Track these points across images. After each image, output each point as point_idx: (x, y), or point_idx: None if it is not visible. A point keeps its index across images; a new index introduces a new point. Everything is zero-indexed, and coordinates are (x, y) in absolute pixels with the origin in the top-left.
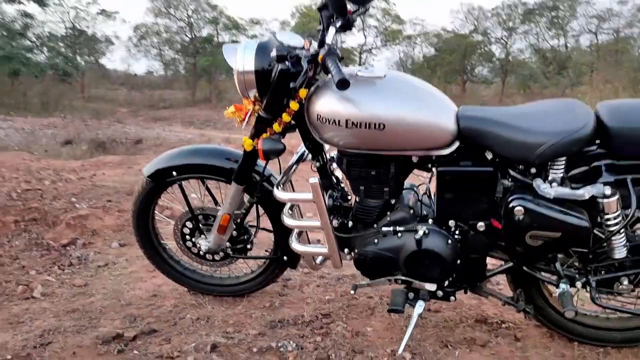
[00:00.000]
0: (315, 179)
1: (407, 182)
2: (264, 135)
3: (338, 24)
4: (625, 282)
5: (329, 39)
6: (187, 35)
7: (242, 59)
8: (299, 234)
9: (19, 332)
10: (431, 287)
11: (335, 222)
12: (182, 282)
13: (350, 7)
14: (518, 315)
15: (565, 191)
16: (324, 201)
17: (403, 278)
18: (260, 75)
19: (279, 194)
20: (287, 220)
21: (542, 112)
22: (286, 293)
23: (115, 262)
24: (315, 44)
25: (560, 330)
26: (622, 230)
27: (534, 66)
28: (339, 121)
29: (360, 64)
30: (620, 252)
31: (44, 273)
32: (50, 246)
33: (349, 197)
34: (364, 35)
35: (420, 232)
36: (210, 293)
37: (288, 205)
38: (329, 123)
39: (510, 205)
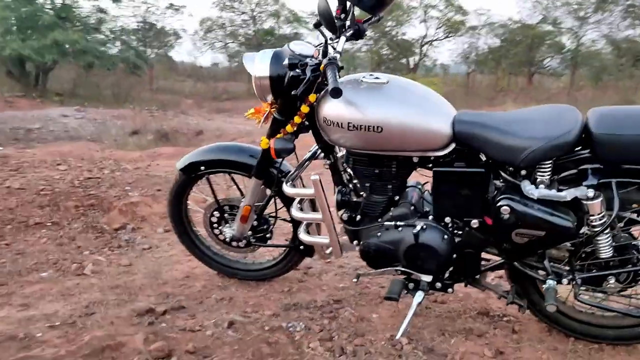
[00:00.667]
0: (316, 176)
1: (412, 180)
2: (278, 136)
3: (348, 34)
4: (612, 281)
5: (339, 47)
6: (250, 29)
7: (258, 66)
8: (308, 225)
9: (69, 303)
10: (427, 278)
11: (345, 216)
12: (211, 265)
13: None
14: None
15: (548, 192)
16: (324, 196)
17: (402, 269)
18: (274, 81)
19: (287, 189)
20: (295, 213)
21: (532, 117)
22: (305, 280)
23: (158, 246)
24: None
25: (556, 325)
26: (607, 231)
27: (607, 58)
28: (341, 124)
29: (420, 57)
30: (605, 252)
31: (96, 253)
32: (103, 229)
33: (362, 193)
34: (425, 27)
35: (418, 227)
36: (236, 277)
37: (297, 199)
38: (334, 125)
39: (498, 204)
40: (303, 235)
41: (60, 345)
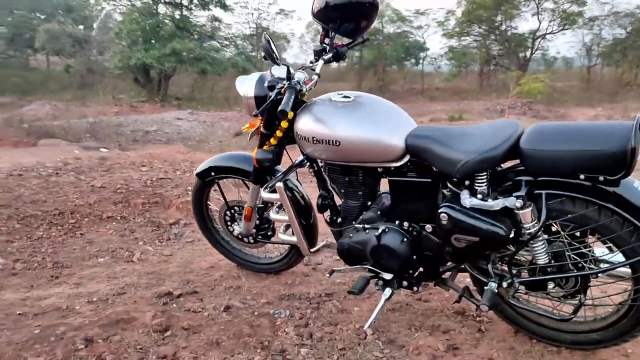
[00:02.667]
0: (280, 184)
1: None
2: (265, 147)
3: (326, 57)
4: (552, 285)
5: (317, 69)
6: None
7: (246, 87)
8: (287, 226)
9: (110, 284)
10: (388, 276)
11: (328, 218)
12: (230, 258)
13: (338, 40)
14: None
15: (478, 202)
16: (288, 201)
17: (370, 267)
18: (258, 100)
19: (263, 194)
20: (272, 215)
21: (474, 132)
22: (310, 274)
23: (199, 240)
24: (298, 75)
25: (517, 327)
26: (541, 238)
27: None
28: (308, 137)
29: (532, 51)
30: (541, 258)
31: (147, 244)
32: (160, 224)
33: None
34: (538, 20)
35: (380, 230)
36: (250, 269)
37: (277, 202)
38: (303, 139)
39: (438, 211)
40: (280, 235)
41: (88, 316)
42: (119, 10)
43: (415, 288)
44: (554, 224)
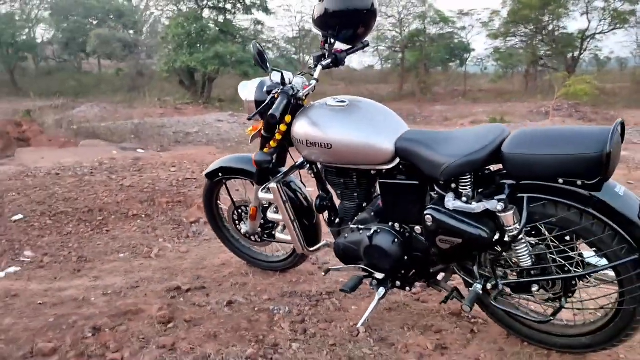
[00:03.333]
0: (274, 184)
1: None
2: (265, 150)
3: (325, 62)
4: (535, 288)
5: (316, 74)
6: (397, 31)
7: (247, 92)
8: (285, 226)
9: (126, 278)
10: (380, 275)
11: (327, 218)
12: (240, 256)
13: (338, 46)
14: None
15: (460, 204)
16: (282, 201)
17: (363, 267)
18: (258, 104)
19: (260, 194)
20: (269, 215)
21: (460, 136)
22: (315, 273)
23: (216, 238)
24: (297, 80)
25: (508, 329)
26: (523, 241)
27: None
28: (302, 140)
29: (581, 52)
30: (524, 261)
31: (167, 241)
32: (181, 222)
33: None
34: (588, 20)
35: (372, 231)
36: (258, 267)
37: (275, 203)
38: (299, 142)
39: (424, 213)
40: (277, 234)
41: (100, 307)
42: (165, 15)
43: (407, 288)
44: (540, 227)
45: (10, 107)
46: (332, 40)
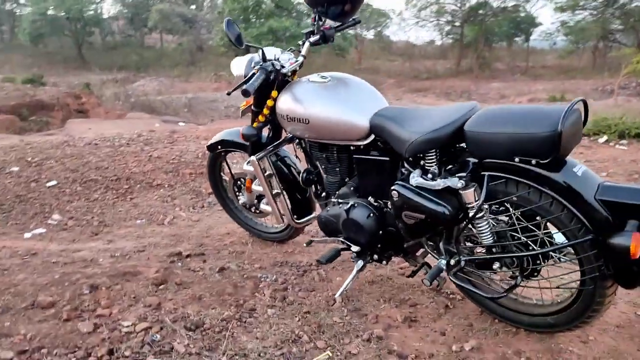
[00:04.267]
0: (253, 158)
1: None
2: (255, 124)
3: (312, 39)
4: (497, 265)
5: (303, 51)
6: (457, 5)
7: (238, 67)
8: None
9: (136, 243)
10: (355, 248)
11: (313, 191)
12: (243, 226)
13: (328, 23)
14: None
15: (422, 181)
16: (262, 175)
17: (342, 239)
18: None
19: (245, 167)
20: (254, 187)
21: (430, 114)
22: (313, 246)
23: None
24: (284, 56)
25: (481, 306)
26: (484, 218)
27: None
28: (284, 115)
29: None
30: (486, 238)
31: (183, 210)
32: (200, 193)
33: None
34: None
35: (349, 205)
36: (259, 237)
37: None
38: (281, 117)
39: (391, 188)
40: (262, 206)
41: (103, 268)
42: None
43: (384, 262)
44: (504, 205)
45: (76, 80)
46: (323, 18)
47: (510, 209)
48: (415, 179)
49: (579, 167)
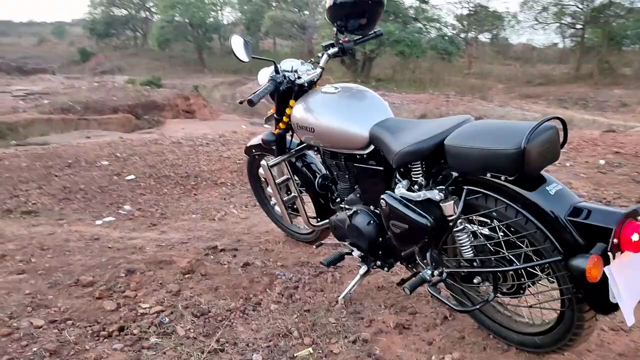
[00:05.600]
0: (264, 162)
1: None
2: (276, 130)
3: (331, 51)
4: (477, 280)
5: (322, 63)
6: (578, 6)
7: (262, 77)
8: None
9: (183, 235)
10: (356, 253)
11: (328, 196)
12: (279, 226)
13: (348, 36)
14: None
15: (405, 192)
16: (272, 178)
17: (347, 244)
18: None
19: (261, 170)
20: (268, 190)
21: (423, 126)
22: (336, 248)
23: None
24: (301, 68)
25: (476, 321)
26: (464, 231)
27: None
28: (296, 123)
29: None
30: (466, 252)
31: (235, 207)
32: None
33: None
34: None
35: (352, 211)
36: (292, 237)
37: (280, 179)
38: (295, 125)
39: (380, 197)
40: (276, 207)
41: (146, 255)
42: None
43: (386, 268)
44: (485, 220)
45: (193, 83)
46: (341, 31)
47: (491, 224)
48: (400, 189)
49: (554, 185)
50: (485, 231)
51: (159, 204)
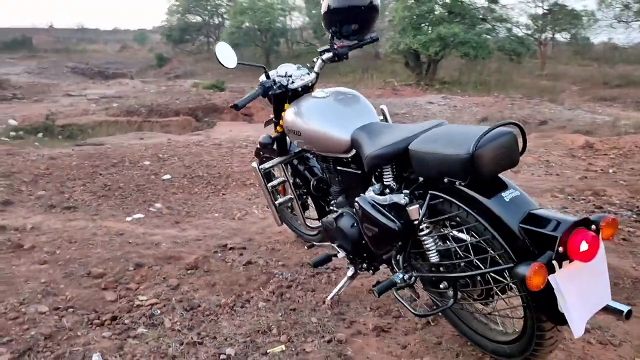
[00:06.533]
0: (254, 164)
1: None
2: (274, 134)
3: (325, 57)
4: (443, 285)
5: (316, 68)
6: None
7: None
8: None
9: (200, 233)
10: (341, 254)
11: (322, 198)
12: (289, 226)
13: (341, 41)
14: None
15: (373, 195)
16: (263, 179)
17: (335, 245)
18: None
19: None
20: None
21: (396, 130)
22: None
23: None
24: (296, 72)
25: (451, 324)
26: (429, 236)
27: None
28: (286, 126)
29: None
30: (432, 256)
31: (258, 208)
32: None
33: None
34: None
35: (337, 214)
36: (300, 238)
37: (276, 182)
38: (286, 128)
39: (355, 200)
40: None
41: (159, 251)
42: None
43: (371, 271)
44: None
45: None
46: (336, 37)
47: (452, 229)
48: (370, 193)
49: (511, 191)
50: (451, 236)
51: (187, 203)
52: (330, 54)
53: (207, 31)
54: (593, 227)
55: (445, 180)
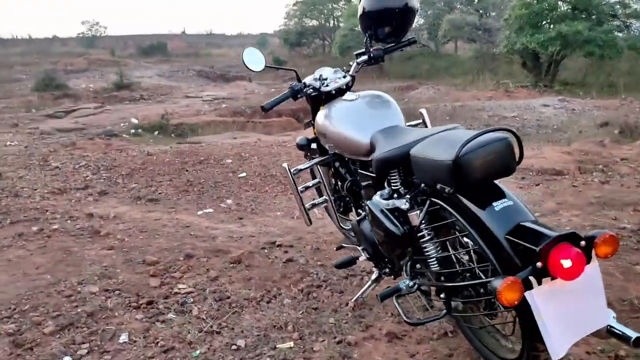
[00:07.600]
0: (285, 164)
1: None
2: (312, 136)
3: (360, 59)
4: (443, 294)
5: (352, 71)
6: None
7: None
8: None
9: (257, 229)
10: (363, 257)
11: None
12: (335, 224)
13: (375, 44)
14: None
15: (379, 200)
16: (293, 180)
17: (360, 248)
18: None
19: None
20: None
21: (409, 134)
22: None
23: None
24: (331, 75)
25: (468, 340)
26: (430, 242)
27: None
28: (318, 130)
29: None
30: (432, 265)
31: (317, 209)
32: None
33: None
34: None
35: (360, 216)
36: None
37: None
38: (318, 131)
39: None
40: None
41: (213, 244)
42: None
43: (392, 276)
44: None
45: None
46: (372, 40)
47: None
48: (377, 197)
49: (504, 201)
50: (449, 244)
51: (255, 200)
52: (365, 57)
53: (322, 34)
54: (582, 243)
55: (438, 186)
